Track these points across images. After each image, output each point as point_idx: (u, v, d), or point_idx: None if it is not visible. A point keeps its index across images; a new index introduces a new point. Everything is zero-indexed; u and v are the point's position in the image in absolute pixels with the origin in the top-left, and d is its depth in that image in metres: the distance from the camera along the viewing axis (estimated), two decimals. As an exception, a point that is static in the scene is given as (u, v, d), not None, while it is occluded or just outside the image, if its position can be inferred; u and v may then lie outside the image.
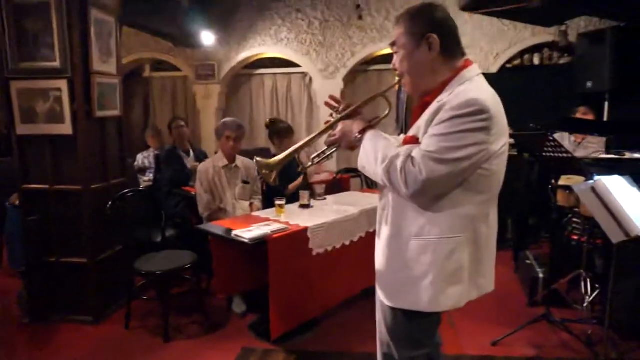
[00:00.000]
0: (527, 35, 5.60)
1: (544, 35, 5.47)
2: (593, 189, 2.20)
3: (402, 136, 1.58)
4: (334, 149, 1.67)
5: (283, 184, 3.66)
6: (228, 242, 2.82)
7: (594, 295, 3.25)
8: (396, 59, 1.51)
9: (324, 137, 1.67)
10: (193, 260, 3.07)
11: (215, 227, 2.95)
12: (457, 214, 1.39)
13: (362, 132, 1.53)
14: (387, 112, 1.67)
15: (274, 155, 1.73)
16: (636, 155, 3.24)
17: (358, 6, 5.88)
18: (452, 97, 1.35)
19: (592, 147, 4.19)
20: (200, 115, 6.82)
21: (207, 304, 3.44)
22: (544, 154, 2.97)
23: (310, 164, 1.74)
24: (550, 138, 2.67)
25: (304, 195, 3.36)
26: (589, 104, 4.44)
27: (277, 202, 3.11)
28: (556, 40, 5.22)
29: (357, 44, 6.06)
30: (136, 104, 7.28)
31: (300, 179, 3.70)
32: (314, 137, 1.67)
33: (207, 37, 5.98)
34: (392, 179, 1.38)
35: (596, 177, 2.27)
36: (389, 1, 5.85)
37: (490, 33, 5.68)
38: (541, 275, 3.53)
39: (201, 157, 4.63)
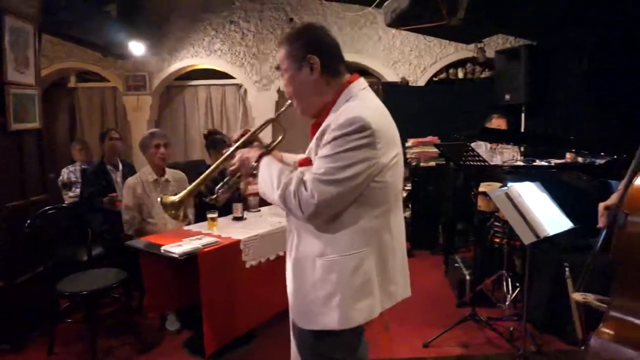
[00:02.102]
0: (451, 51, 5.95)
1: (466, 51, 5.83)
2: (507, 195, 2.37)
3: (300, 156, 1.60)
4: (235, 178, 1.65)
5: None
6: (158, 257, 2.74)
7: (515, 293, 3.48)
8: (283, 82, 1.54)
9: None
10: (122, 278, 2.95)
11: (144, 243, 2.86)
12: (357, 230, 1.41)
13: (259, 159, 1.52)
14: (280, 137, 1.68)
15: (210, 167, 1.70)
16: (544, 163, 3.51)
17: (291, 19, 5.98)
18: (335, 117, 1.37)
19: (507, 152, 4.50)
20: (131, 127, 6.60)
21: (139, 324, 3.32)
22: (465, 162, 3.16)
23: (216, 195, 1.72)
24: (469, 147, 2.84)
25: (237, 207, 3.34)
26: (504, 114, 4.77)
27: (209, 216, 3.07)
28: (475, 56, 5.58)
29: (292, 57, 6.13)
30: (60, 116, 6.90)
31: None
32: (214, 168, 1.64)
33: (137, 47, 5.82)
34: (288, 204, 1.39)
35: (509, 184, 2.45)
36: (321, 15, 5.99)
37: (417, 48, 5.97)
38: (468, 277, 3.72)
39: (129, 171, 4.46)
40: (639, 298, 1.39)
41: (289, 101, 1.57)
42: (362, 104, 1.41)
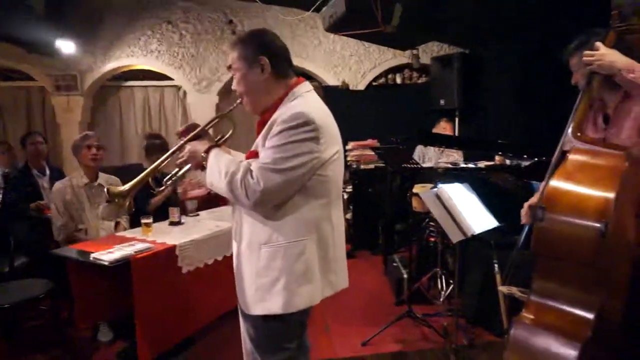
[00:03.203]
0: (390, 57, 6.13)
1: (404, 57, 6.03)
2: (437, 195, 2.48)
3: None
4: (184, 170, 1.73)
5: (145, 200, 3.48)
6: (88, 266, 2.62)
7: (448, 290, 3.63)
8: (234, 81, 1.63)
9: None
10: (48, 289, 2.80)
11: (71, 251, 2.72)
12: (300, 219, 1.51)
13: (208, 151, 1.61)
14: (231, 131, 1.77)
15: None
16: (470, 165, 3.69)
17: (231, 21, 5.92)
18: (281, 113, 1.49)
19: (453, 155, 4.71)
20: (61, 129, 6.25)
21: (69, 336, 3.15)
22: (400, 165, 3.27)
23: (163, 187, 1.78)
24: (401, 148, 2.94)
25: (174, 212, 3.25)
26: (450, 118, 4.99)
27: (144, 221, 2.98)
28: (410, 62, 5.79)
29: (233, 59, 6.07)
30: (-19, 117, 6.42)
31: (164, 192, 3.56)
32: (163, 160, 1.71)
33: (67, 45, 5.53)
34: (235, 192, 1.48)
35: (439, 185, 2.56)
36: (261, 18, 5.98)
37: (357, 53, 6.10)
38: (405, 276, 3.83)
39: (57, 176, 4.23)
40: (556, 286, 1.51)
41: (239, 99, 1.66)
42: (307, 102, 1.53)
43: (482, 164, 4.38)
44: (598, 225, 1.33)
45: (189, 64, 6.10)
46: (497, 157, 4.40)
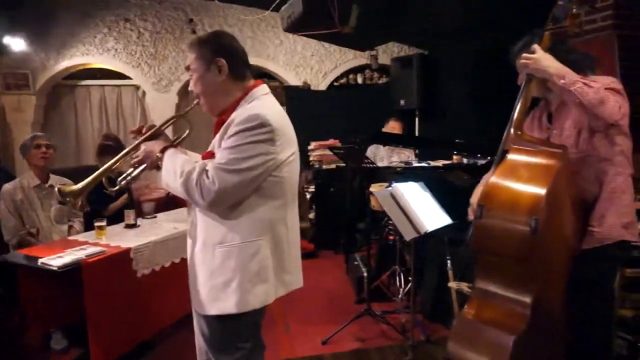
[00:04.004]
0: (351, 57, 6.18)
1: (364, 58, 6.09)
2: (391, 194, 2.52)
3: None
4: (139, 170, 1.71)
5: (103, 204, 3.41)
6: (37, 271, 2.53)
7: (407, 287, 3.70)
8: (191, 82, 1.64)
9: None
10: (-6, 296, 2.68)
11: (19, 256, 2.63)
12: (255, 219, 1.52)
13: (163, 151, 1.61)
14: (187, 131, 1.77)
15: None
16: (424, 164, 3.78)
17: (191, 20, 5.83)
18: (238, 114, 1.50)
19: (404, 153, 4.79)
20: (11, 130, 5.99)
21: (20, 344, 3.03)
22: (358, 164, 3.31)
23: (117, 187, 1.75)
24: (357, 148, 2.98)
25: (129, 214, 3.18)
26: (400, 117, 5.06)
27: (97, 224, 2.90)
28: (368, 63, 5.87)
29: (193, 58, 5.98)
30: None
31: (122, 198, 3.49)
32: (117, 159, 1.71)
33: (16, 43, 5.31)
34: (190, 192, 1.49)
35: (394, 184, 2.61)
36: (222, 17, 5.92)
37: (318, 53, 6.12)
38: (365, 274, 3.88)
39: (6, 178, 4.06)
40: (494, 281, 1.56)
41: (196, 100, 1.66)
42: (264, 105, 1.55)
43: (440, 162, 4.51)
44: (529, 222, 1.38)
45: (147, 63, 5.97)
46: (454, 157, 4.53)
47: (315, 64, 6.15)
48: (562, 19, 1.69)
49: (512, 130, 1.71)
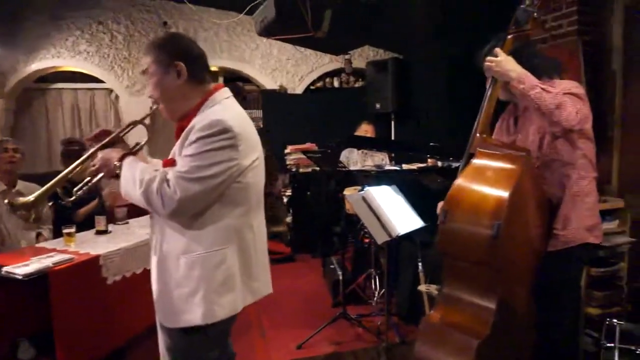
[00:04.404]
0: (327, 61, 6.20)
1: (340, 61, 6.12)
2: (363, 198, 2.54)
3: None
4: (96, 179, 1.67)
5: (72, 209, 3.33)
6: (2, 280, 2.46)
7: (382, 289, 3.72)
8: (149, 87, 1.59)
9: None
10: (-43, 306, 2.59)
11: (-18, 265, 2.54)
12: (219, 227, 1.48)
13: (122, 159, 1.56)
14: (146, 138, 1.74)
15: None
16: (396, 167, 3.82)
17: (165, 23, 5.77)
18: (199, 120, 1.46)
19: (377, 156, 4.82)
20: (-21, 135, 5.83)
21: (-15, 356, 2.94)
22: (332, 168, 3.32)
23: (74, 197, 1.70)
24: (329, 152, 2.99)
25: (100, 220, 3.12)
26: (372, 121, 5.10)
27: (65, 231, 2.84)
28: (343, 67, 5.90)
29: (167, 61, 5.91)
30: None
31: (92, 204, 3.43)
32: (72, 169, 1.65)
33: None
34: (150, 202, 1.45)
35: (366, 188, 2.62)
36: (197, 20, 5.87)
37: (294, 57, 6.13)
38: (341, 278, 3.89)
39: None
40: (459, 285, 1.58)
41: (155, 105, 1.63)
42: (225, 109, 1.52)
43: (414, 165, 4.55)
44: (491, 226, 1.40)
45: (120, 66, 5.88)
46: (429, 160, 4.58)
47: (291, 67, 6.15)
48: (524, 23, 1.73)
49: (477, 134, 1.74)
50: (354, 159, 4.84)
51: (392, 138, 5.69)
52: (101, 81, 6.04)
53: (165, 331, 1.61)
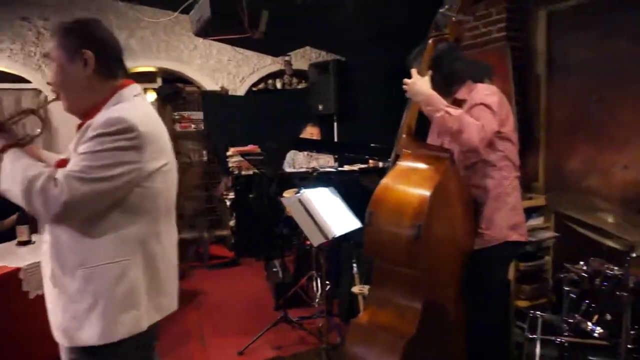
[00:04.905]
0: (269, 62, 6.15)
1: (281, 63, 6.08)
2: (299, 200, 2.52)
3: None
4: None
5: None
6: None
7: (325, 291, 3.72)
8: (50, 73, 1.44)
9: None
10: None
11: None
12: (121, 237, 1.35)
13: (3, 150, 1.38)
14: (39, 130, 1.57)
15: None
16: (333, 169, 3.85)
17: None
18: (100, 116, 1.32)
19: (323, 158, 4.83)
20: None
21: None
22: (276, 171, 3.29)
23: None
24: (264, 154, 2.95)
25: (22, 230, 2.92)
26: (317, 123, 5.11)
27: (-20, 242, 2.64)
28: (282, 68, 5.88)
29: (100, 61, 5.63)
30: None
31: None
32: None
33: None
34: (31, 201, 1.28)
35: (302, 190, 2.61)
36: (132, 20, 5.64)
37: (235, 58, 6.02)
38: (284, 280, 3.86)
39: None
40: (387, 287, 1.59)
41: (54, 95, 1.47)
42: (132, 107, 1.38)
43: (356, 166, 4.60)
44: (413, 227, 1.42)
45: (48, 66, 5.53)
46: (371, 161, 4.65)
47: (232, 68, 6.04)
48: (443, 27, 1.77)
49: (403, 135, 1.77)
50: (299, 161, 4.82)
51: (335, 139, 5.72)
52: (28, 81, 5.66)
53: (67, 351, 1.43)
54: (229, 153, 5.44)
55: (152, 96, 6.08)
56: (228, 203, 5.58)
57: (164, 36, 5.72)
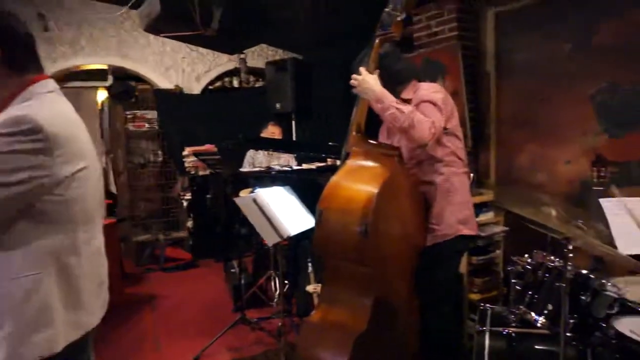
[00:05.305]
0: (225, 60, 6.05)
1: (236, 61, 6.00)
2: (254, 200, 2.49)
3: None
4: None
5: None
6: None
7: (283, 291, 3.70)
8: None
9: None
10: None
11: None
12: (31, 250, 1.22)
13: None
14: None
15: None
16: (286, 168, 3.84)
17: (41, 15, 5.24)
18: (3, 115, 1.21)
19: (283, 157, 4.80)
20: None
21: None
22: (233, 171, 3.24)
23: None
24: (217, 156, 2.91)
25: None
26: (278, 121, 5.07)
27: None
28: (237, 67, 5.80)
29: (46, 59, 5.36)
30: None
31: None
32: None
33: None
34: None
35: (257, 190, 2.58)
36: (79, 13, 5.41)
37: (190, 55, 5.89)
38: (243, 281, 3.81)
39: None
40: (339, 284, 1.59)
41: None
42: (41, 105, 1.25)
43: (313, 165, 4.60)
44: (360, 225, 1.43)
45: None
46: (329, 159, 4.65)
47: (187, 66, 5.91)
48: (388, 26, 1.79)
49: (353, 133, 1.77)
50: (259, 160, 4.77)
51: (294, 138, 5.70)
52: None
53: None
54: (185, 153, 5.33)
55: (103, 94, 5.87)
56: (185, 204, 5.46)
57: (114, 32, 5.53)
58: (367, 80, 1.79)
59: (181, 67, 5.86)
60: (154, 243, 5.51)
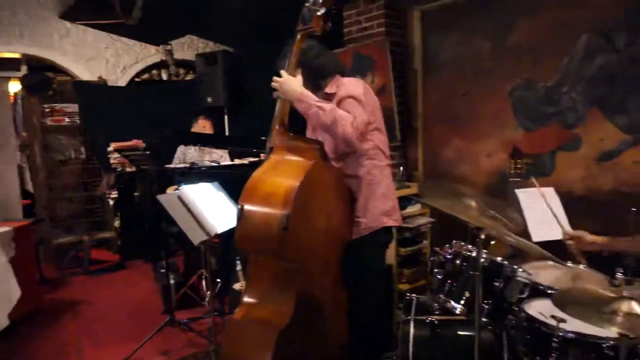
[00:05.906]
0: (153, 52, 5.78)
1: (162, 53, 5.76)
2: (179, 197, 2.39)
3: None
4: None
5: None
6: None
7: (214, 290, 3.61)
8: None
9: None
10: None
11: None
12: None
13: None
14: None
15: None
16: (214, 163, 3.76)
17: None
18: None
19: (215, 153, 4.67)
20: None
21: None
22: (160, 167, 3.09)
23: None
24: (139, 153, 2.78)
25: None
26: (209, 115, 4.92)
27: None
28: (163, 59, 5.58)
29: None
30: None
31: None
32: None
33: None
34: None
35: (182, 186, 2.48)
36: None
37: (114, 46, 5.57)
38: (173, 281, 3.68)
39: None
40: (262, 280, 1.57)
41: None
42: None
43: (246, 160, 4.51)
44: (280, 219, 1.41)
45: None
46: (262, 155, 4.58)
47: (111, 57, 5.58)
48: (309, 21, 1.78)
49: (276, 127, 1.75)
50: (190, 155, 4.60)
51: (226, 133, 5.58)
52: None
53: None
54: (110, 149, 5.04)
55: (15, 86, 5.42)
56: (111, 203, 5.18)
57: (26, 18, 5.10)
58: (288, 82, 1.79)
59: (104, 58, 5.53)
60: (77, 245, 5.19)
